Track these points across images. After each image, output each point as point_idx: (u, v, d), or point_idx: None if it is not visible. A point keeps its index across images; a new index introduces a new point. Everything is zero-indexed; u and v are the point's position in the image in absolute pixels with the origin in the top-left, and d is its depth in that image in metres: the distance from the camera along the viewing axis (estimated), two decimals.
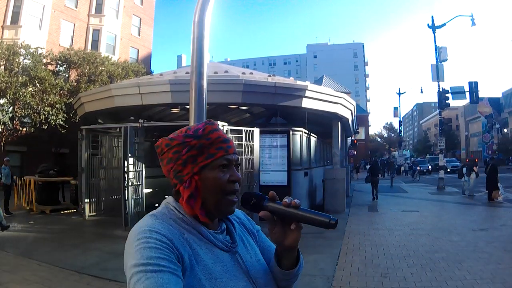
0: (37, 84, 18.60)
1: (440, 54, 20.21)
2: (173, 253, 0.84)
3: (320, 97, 10.44)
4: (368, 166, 28.51)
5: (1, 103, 17.94)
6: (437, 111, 25.74)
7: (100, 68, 22.30)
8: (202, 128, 1.00)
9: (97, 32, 27.99)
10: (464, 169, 16.82)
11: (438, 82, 19.65)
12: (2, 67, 18.37)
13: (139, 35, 32.35)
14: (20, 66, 18.77)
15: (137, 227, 0.89)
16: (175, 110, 12.40)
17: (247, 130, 8.73)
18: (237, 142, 8.61)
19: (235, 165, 1.01)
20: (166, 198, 1.04)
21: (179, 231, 0.92)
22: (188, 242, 0.91)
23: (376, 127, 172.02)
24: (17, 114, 19.00)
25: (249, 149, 8.69)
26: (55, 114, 18.71)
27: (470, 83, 19.51)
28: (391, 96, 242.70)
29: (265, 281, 1.01)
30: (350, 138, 29.33)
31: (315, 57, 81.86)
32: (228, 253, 0.98)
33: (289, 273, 1.02)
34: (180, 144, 0.97)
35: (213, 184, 0.96)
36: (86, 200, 10.08)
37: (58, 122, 18.74)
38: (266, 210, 0.98)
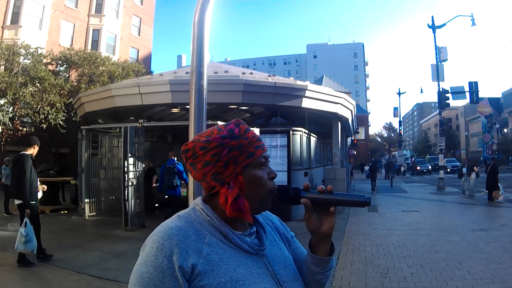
0: (37, 84, 18.60)
1: (440, 54, 20.21)
2: (172, 273, 0.86)
3: (320, 97, 10.44)
4: (366, 167, 31.34)
5: (1, 103, 17.94)
6: (437, 111, 25.75)
7: (101, 68, 22.30)
8: (237, 128, 0.99)
9: (97, 32, 28.00)
10: (464, 169, 16.83)
11: (438, 82, 19.65)
12: (2, 67, 18.36)
13: (139, 35, 32.35)
14: (20, 66, 18.76)
15: (157, 232, 0.92)
16: (175, 110, 12.40)
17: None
18: None
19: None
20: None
21: (200, 236, 0.92)
22: (210, 245, 0.92)
23: (376, 127, 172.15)
24: (17, 114, 19.00)
25: None
26: (54, 113, 18.71)
27: (470, 83, 19.51)
28: (391, 96, 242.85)
29: (293, 285, 1.01)
30: (350, 138, 29.36)
31: (315, 57, 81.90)
32: (255, 256, 0.97)
33: (326, 260, 1.04)
34: (219, 146, 0.95)
35: (257, 183, 0.97)
36: (86, 200, 10.08)
37: (57, 121, 18.74)
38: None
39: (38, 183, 6.09)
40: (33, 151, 5.98)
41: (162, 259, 0.86)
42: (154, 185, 10.83)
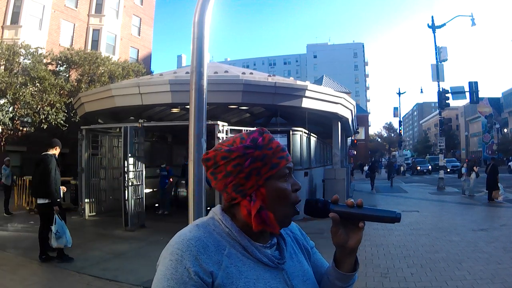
0: (37, 84, 18.60)
1: (440, 54, 20.21)
2: (190, 280, 0.83)
3: (320, 97, 10.44)
4: (366, 167, 31.94)
5: (1, 103, 17.94)
6: (437, 111, 25.75)
7: (101, 68, 22.30)
8: (261, 137, 0.95)
9: (97, 32, 28.00)
10: (463, 169, 16.84)
11: (438, 82, 19.66)
12: (2, 67, 18.36)
13: (139, 35, 32.35)
14: (20, 66, 18.77)
15: (173, 242, 0.88)
16: (175, 110, 12.40)
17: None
18: None
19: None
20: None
21: (219, 247, 0.89)
22: (229, 257, 0.88)
23: (376, 127, 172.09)
24: (17, 114, 19.00)
25: None
26: (54, 113, 18.71)
27: (470, 83, 19.52)
28: (391, 96, 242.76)
29: None
30: (350, 138, 29.36)
31: (315, 57, 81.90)
32: (274, 269, 0.93)
33: (349, 276, 1.01)
34: (242, 156, 0.91)
35: (280, 195, 0.93)
36: (86, 200, 10.08)
37: (58, 121, 18.74)
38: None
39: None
40: (55, 151, 6.20)
41: (182, 271, 0.83)
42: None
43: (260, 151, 0.92)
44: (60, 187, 6.23)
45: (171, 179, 11.01)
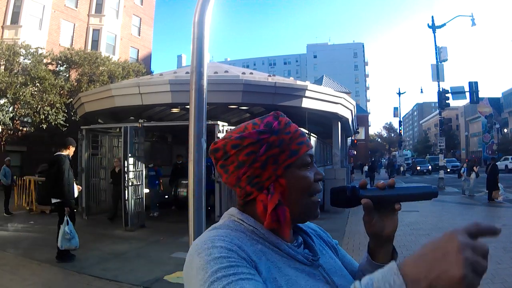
0: (37, 83, 18.60)
1: (440, 54, 20.21)
2: (244, 259, 0.71)
3: (320, 97, 10.45)
4: (366, 167, 32.30)
5: (1, 103, 17.94)
6: (437, 111, 25.77)
7: (101, 68, 22.31)
8: (276, 121, 0.84)
9: (97, 32, 27.99)
10: (463, 169, 16.83)
11: (438, 82, 19.65)
12: (2, 67, 18.37)
13: (139, 35, 32.35)
14: (20, 66, 18.77)
15: (198, 241, 0.76)
16: (175, 110, 12.40)
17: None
18: None
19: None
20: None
21: (253, 242, 0.78)
22: (264, 254, 0.77)
23: (376, 127, 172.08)
24: (17, 113, 19.00)
25: None
26: (54, 114, 18.71)
27: (470, 83, 19.52)
28: (391, 96, 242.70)
29: None
30: (350, 138, 29.37)
31: (315, 57, 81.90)
32: (310, 267, 0.83)
33: None
34: (255, 143, 0.80)
35: (301, 186, 0.82)
36: (86, 200, 10.07)
37: (58, 121, 18.75)
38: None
39: (75, 184, 6.30)
40: (69, 151, 6.18)
41: (231, 246, 0.71)
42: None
43: (276, 136, 0.81)
44: (76, 186, 6.28)
45: (161, 180, 10.84)
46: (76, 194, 6.38)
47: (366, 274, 0.84)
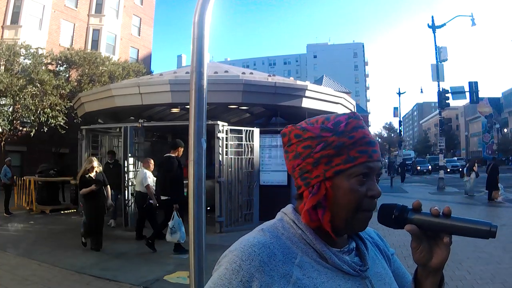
0: (38, 84, 18.58)
1: (440, 54, 20.21)
2: None
3: (320, 97, 10.44)
4: None
5: (1, 103, 17.92)
6: (437, 111, 25.77)
7: (101, 68, 22.30)
8: (344, 121, 0.80)
9: (97, 32, 28.00)
10: (466, 169, 16.85)
11: (438, 82, 19.66)
12: (2, 67, 18.35)
13: (139, 35, 32.35)
14: (20, 66, 18.75)
15: (236, 248, 0.75)
16: (175, 110, 12.39)
17: (247, 130, 8.75)
18: (237, 142, 8.64)
19: (376, 174, 0.81)
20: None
21: (289, 255, 0.76)
22: (301, 267, 0.75)
23: (376, 127, 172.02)
24: (17, 114, 18.97)
25: (249, 149, 8.70)
26: (55, 115, 18.67)
27: (470, 83, 19.53)
28: (391, 96, 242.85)
29: None
30: None
31: (315, 57, 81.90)
32: (356, 278, 0.80)
33: None
34: (315, 138, 0.78)
35: (347, 197, 0.78)
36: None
37: (58, 123, 18.72)
38: (412, 223, 0.81)
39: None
40: (178, 153, 6.65)
41: (237, 285, 0.71)
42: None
43: (337, 137, 0.77)
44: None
45: None
46: (185, 193, 6.71)
47: None
